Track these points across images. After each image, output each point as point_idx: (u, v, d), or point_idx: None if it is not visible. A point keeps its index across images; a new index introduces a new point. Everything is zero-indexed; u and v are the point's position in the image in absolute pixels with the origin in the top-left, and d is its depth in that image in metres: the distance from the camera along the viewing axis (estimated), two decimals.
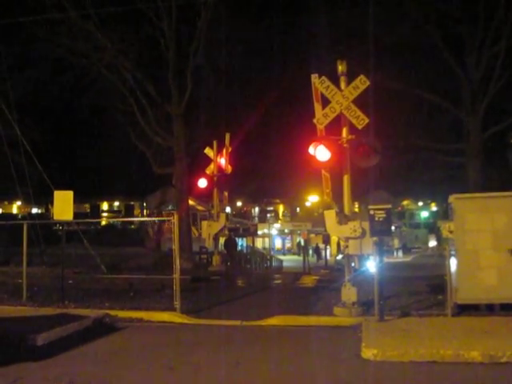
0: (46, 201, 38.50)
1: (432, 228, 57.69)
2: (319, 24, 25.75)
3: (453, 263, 12.54)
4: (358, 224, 12.73)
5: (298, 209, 76.05)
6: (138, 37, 26.29)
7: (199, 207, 48.57)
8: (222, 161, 25.30)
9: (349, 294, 12.81)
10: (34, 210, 42.94)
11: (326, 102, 13.06)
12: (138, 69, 26.21)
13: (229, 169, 25.31)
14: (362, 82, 12.90)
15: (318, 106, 13.18)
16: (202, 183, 25.09)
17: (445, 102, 24.95)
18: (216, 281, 20.52)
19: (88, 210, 65.35)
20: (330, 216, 13.21)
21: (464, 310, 12.26)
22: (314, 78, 13.18)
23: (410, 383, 8.25)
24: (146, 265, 24.84)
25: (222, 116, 28.37)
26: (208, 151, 25.52)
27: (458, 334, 10.28)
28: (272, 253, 49.05)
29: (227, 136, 25.12)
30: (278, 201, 76.03)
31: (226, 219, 25.47)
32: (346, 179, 13.14)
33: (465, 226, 12.52)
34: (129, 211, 66.74)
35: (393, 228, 25.18)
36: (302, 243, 54.04)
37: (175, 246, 13.78)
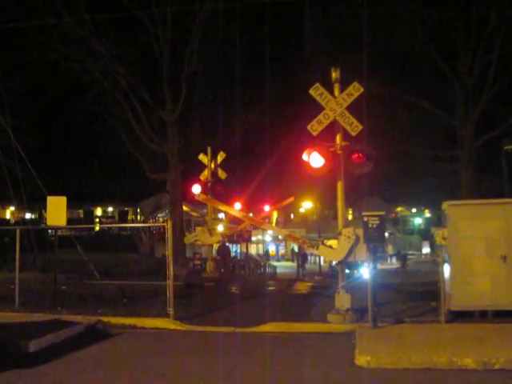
0: (40, 206, 38.37)
1: (425, 234, 57.78)
2: (314, 31, 25.84)
3: (446, 270, 12.56)
4: (351, 230, 12.74)
5: (292, 215, 76.02)
6: (133, 43, 26.32)
7: (193, 213, 48.41)
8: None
9: (342, 300, 12.79)
10: (28, 216, 42.79)
11: (319, 109, 13.08)
12: (133, 75, 26.21)
13: (223, 175, 25.36)
14: (355, 89, 12.93)
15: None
16: (196, 189, 25.03)
17: (438, 108, 25.05)
18: (210, 287, 20.47)
19: (81, 216, 65.08)
20: (325, 250, 13.34)
21: (457, 316, 12.27)
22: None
23: None
24: (140, 271, 24.74)
25: (216, 122, 28.38)
26: (202, 157, 25.54)
27: (451, 340, 10.28)
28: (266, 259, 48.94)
29: None
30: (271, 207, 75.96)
31: (221, 237, 25.39)
32: (339, 186, 13.15)
33: (458, 233, 12.54)
34: (123, 217, 66.51)
35: (386, 234, 25.23)
36: (296, 249, 53.82)
37: (169, 252, 13.74)
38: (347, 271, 13.90)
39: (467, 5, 23.40)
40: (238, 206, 20.31)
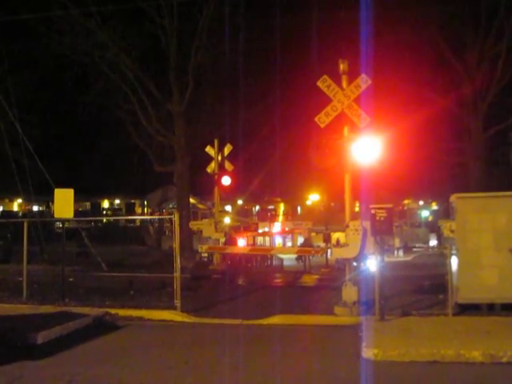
0: (47, 199, 38.49)
1: (433, 227, 57.55)
2: (321, 22, 25.69)
3: (454, 263, 12.52)
4: (358, 223, 12.71)
5: (298, 207, 75.91)
6: (140, 35, 26.22)
7: (200, 205, 48.45)
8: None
9: (350, 293, 12.78)
10: (35, 208, 42.95)
11: (327, 101, 13.03)
12: (140, 67, 26.14)
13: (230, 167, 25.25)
14: (363, 81, 12.88)
15: None
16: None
17: (446, 100, 24.89)
18: (217, 279, 20.49)
19: (89, 208, 65.28)
20: (338, 251, 13.75)
21: (465, 309, 12.24)
22: None
23: (410, 383, 8.23)
24: (147, 263, 24.79)
25: (223, 114, 28.31)
26: (209, 150, 25.45)
27: (458, 333, 10.26)
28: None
29: None
30: (278, 199, 75.91)
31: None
32: (347, 178, 13.12)
33: (466, 226, 12.49)
34: (130, 209, 66.62)
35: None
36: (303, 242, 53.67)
37: (176, 245, 13.76)
38: (354, 264, 13.87)
39: None
40: (241, 242, 20.93)
